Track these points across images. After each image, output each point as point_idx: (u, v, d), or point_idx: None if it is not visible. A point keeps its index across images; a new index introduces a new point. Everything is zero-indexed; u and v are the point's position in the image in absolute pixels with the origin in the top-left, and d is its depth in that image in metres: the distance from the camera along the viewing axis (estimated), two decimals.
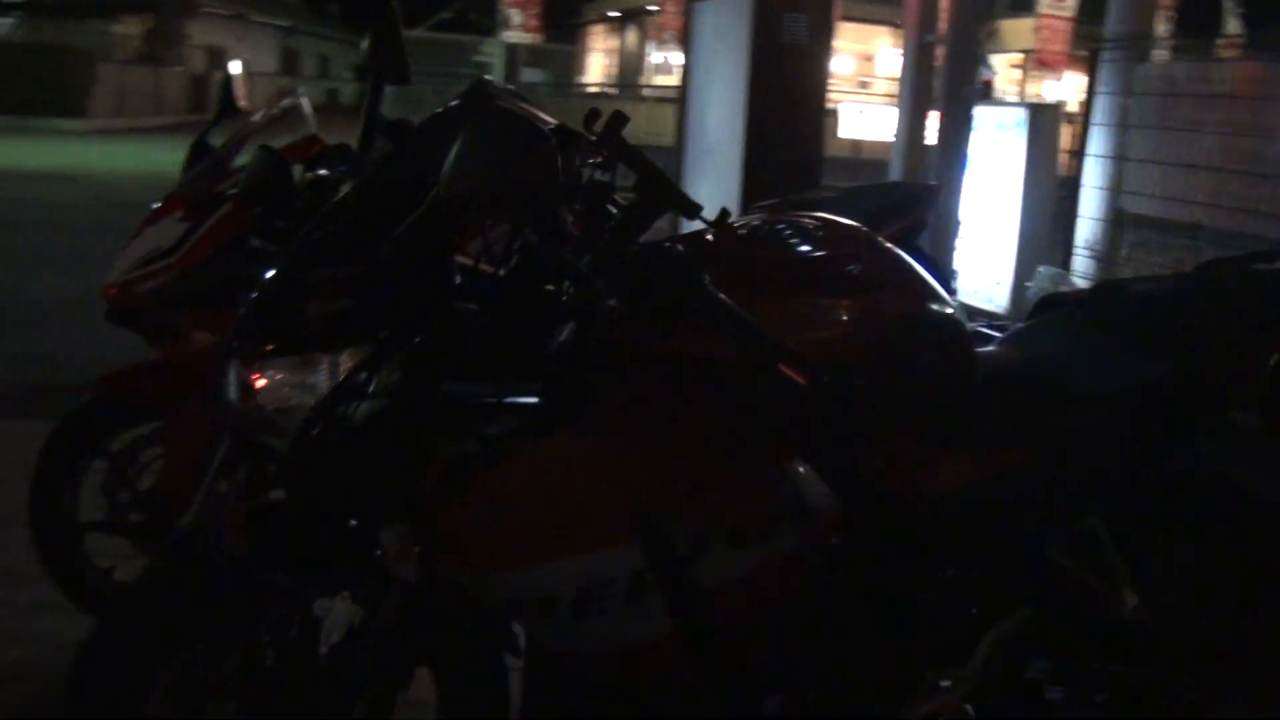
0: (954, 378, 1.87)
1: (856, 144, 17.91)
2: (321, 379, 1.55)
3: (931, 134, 5.72)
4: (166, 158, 2.91)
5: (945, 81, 5.06)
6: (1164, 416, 2.03)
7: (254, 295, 1.66)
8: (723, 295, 1.45)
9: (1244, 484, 2.26)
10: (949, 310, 1.85)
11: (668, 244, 1.49)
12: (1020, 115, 5.79)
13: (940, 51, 5.40)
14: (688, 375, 1.61)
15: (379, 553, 1.59)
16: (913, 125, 5.51)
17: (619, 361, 1.58)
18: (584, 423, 1.56)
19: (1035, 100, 15.72)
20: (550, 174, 1.38)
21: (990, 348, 2.24)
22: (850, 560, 1.91)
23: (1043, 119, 5.66)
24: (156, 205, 2.69)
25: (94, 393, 2.69)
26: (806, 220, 1.87)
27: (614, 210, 1.66)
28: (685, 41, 6.78)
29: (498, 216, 1.53)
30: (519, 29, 17.05)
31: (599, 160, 1.75)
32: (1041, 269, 5.41)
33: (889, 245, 1.85)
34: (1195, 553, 2.18)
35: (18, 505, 2.80)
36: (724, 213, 1.73)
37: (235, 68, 2.88)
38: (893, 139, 5.87)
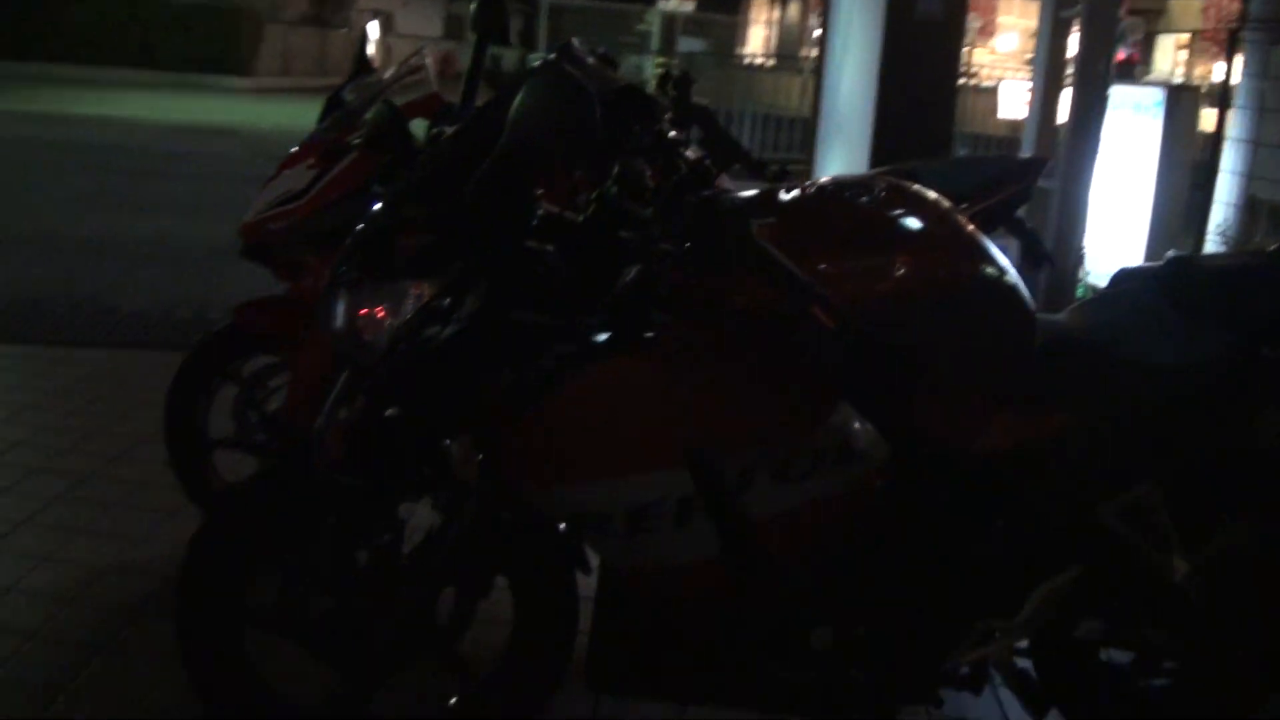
0: (1009, 339, 1.95)
1: (1017, 125, 17.46)
2: (409, 304, 1.73)
3: (1065, 112, 5.65)
4: None
5: (1079, 58, 5.00)
6: (1226, 389, 2.07)
7: (358, 229, 1.85)
8: (767, 244, 1.58)
9: None
10: (1006, 276, 1.93)
11: (721, 195, 1.61)
12: (1158, 96, 5.68)
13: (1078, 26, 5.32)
14: (739, 317, 1.74)
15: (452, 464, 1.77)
16: (1046, 102, 5.45)
17: (678, 301, 1.72)
18: (641, 354, 1.71)
19: (1199, 81, 15.09)
20: (587, 125, 1.53)
21: (1060, 315, 2.31)
22: (902, 505, 2.02)
23: (1181, 101, 5.54)
24: (292, 151, 2.93)
25: (228, 321, 2.95)
26: (875, 182, 1.97)
27: (684, 164, 1.80)
28: (824, 14, 6.81)
29: (549, 162, 1.68)
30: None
31: (672, 119, 1.88)
32: (1170, 253, 5.31)
33: (951, 211, 1.93)
34: (1250, 529, 2.21)
35: (156, 426, 3.10)
36: (784, 171, 1.85)
37: (372, 30, 3.08)
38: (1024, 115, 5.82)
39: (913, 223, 1.88)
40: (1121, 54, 6.08)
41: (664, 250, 1.67)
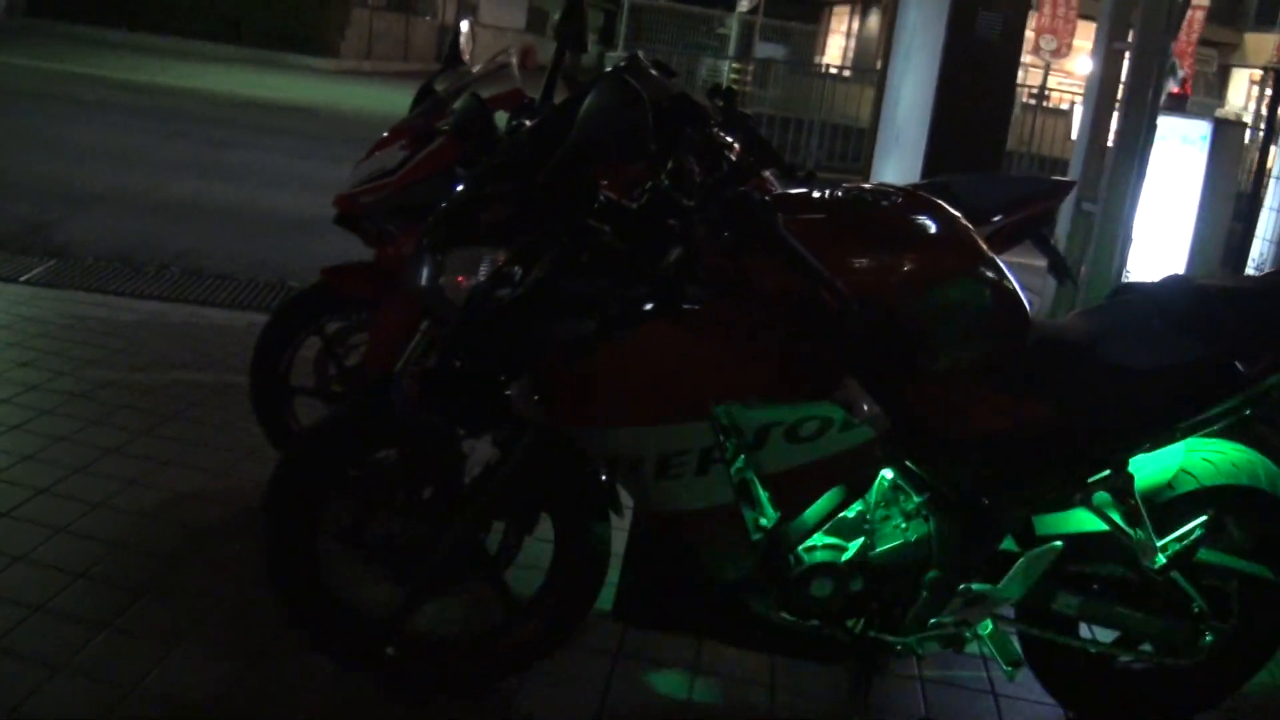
0: (1000, 334, 2.22)
1: None
2: (485, 268, 2.05)
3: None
4: (407, 102, 3.45)
5: (1126, 88, 5.21)
6: (1194, 392, 2.32)
7: (444, 204, 2.17)
8: (788, 235, 1.87)
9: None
10: (1003, 279, 2.20)
11: (753, 192, 1.90)
12: (1205, 130, 5.85)
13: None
14: (764, 296, 2.03)
15: (512, 402, 2.09)
16: (1095, 131, 5.66)
17: (713, 279, 2.02)
18: (679, 321, 2.01)
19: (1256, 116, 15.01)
20: (639, 129, 1.83)
21: (1061, 320, 2.57)
22: (903, 472, 2.30)
23: (1226, 134, 5.72)
24: (385, 134, 3.26)
25: (317, 281, 3.28)
26: (893, 190, 2.25)
27: (727, 164, 2.09)
28: (888, 29, 7.05)
29: (609, 157, 1.98)
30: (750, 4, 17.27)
31: (719, 124, 2.18)
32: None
33: (954, 218, 2.21)
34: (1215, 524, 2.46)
35: (236, 378, 3.41)
36: (811, 174, 2.14)
37: (464, 26, 3.40)
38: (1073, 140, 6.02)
39: (918, 225, 2.17)
40: (1174, 88, 6.24)
41: (703, 235, 1.97)
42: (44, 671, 2.39)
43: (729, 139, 2.25)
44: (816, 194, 2.19)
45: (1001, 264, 2.20)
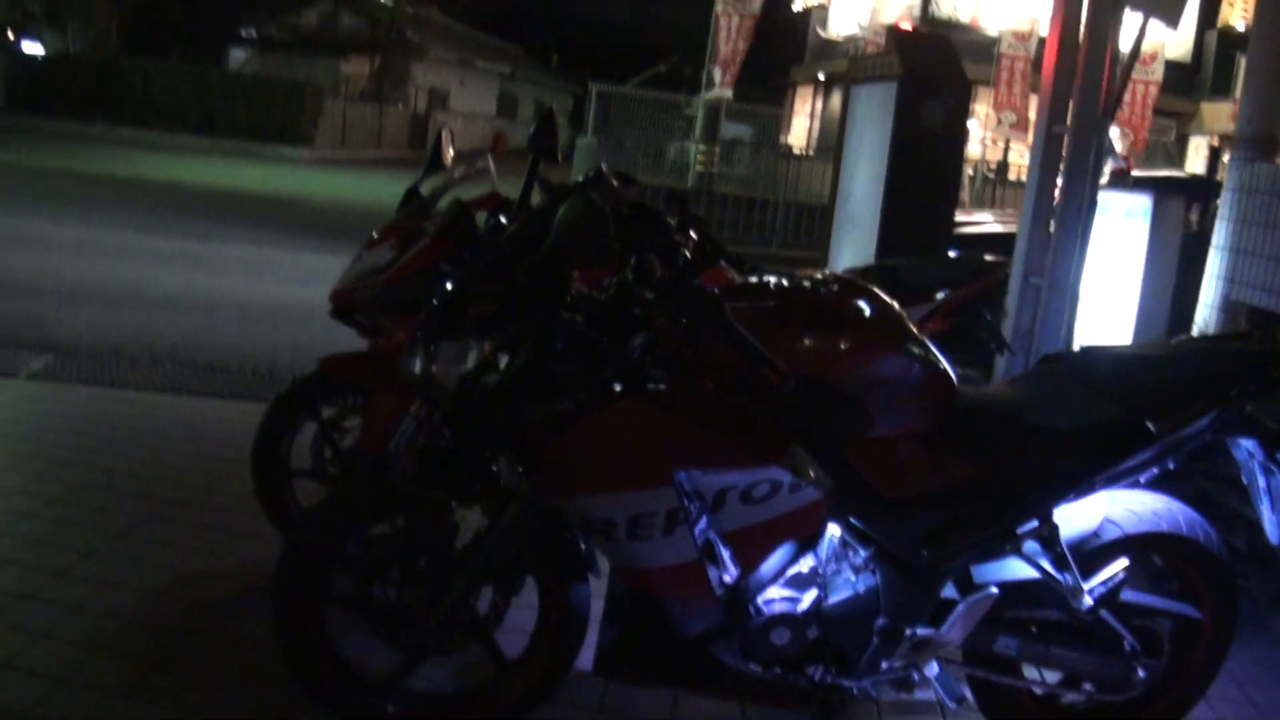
0: (931, 402, 2.50)
1: None
2: (472, 356, 2.33)
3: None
4: (382, 189, 3.73)
5: (1066, 170, 5.56)
6: (1109, 448, 2.60)
7: (434, 300, 2.46)
8: (735, 322, 2.16)
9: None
10: (930, 354, 2.49)
11: (704, 286, 2.20)
12: (1146, 203, 6.22)
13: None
14: (717, 374, 2.32)
15: (499, 475, 2.36)
16: (1038, 208, 6.00)
17: (672, 362, 2.31)
18: (644, 398, 2.29)
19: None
20: (602, 240, 2.13)
21: (986, 388, 2.86)
22: (849, 529, 2.56)
23: (1166, 206, 6.08)
24: (375, 234, 3.55)
25: (314, 369, 3.54)
26: (831, 278, 2.55)
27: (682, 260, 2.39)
28: (842, 117, 7.44)
29: (576, 264, 2.28)
30: (720, 87, 17.74)
31: (676, 226, 2.48)
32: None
33: (884, 302, 2.51)
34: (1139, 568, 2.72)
35: (234, 464, 3.60)
36: (756, 267, 2.43)
37: (445, 133, 3.70)
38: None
39: (853, 309, 2.46)
40: (1115, 166, 6.61)
41: (663, 324, 2.25)
42: None
43: (683, 238, 2.55)
44: (764, 284, 2.49)
45: (927, 342, 2.49)
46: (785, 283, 2.50)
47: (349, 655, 2.69)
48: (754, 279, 2.53)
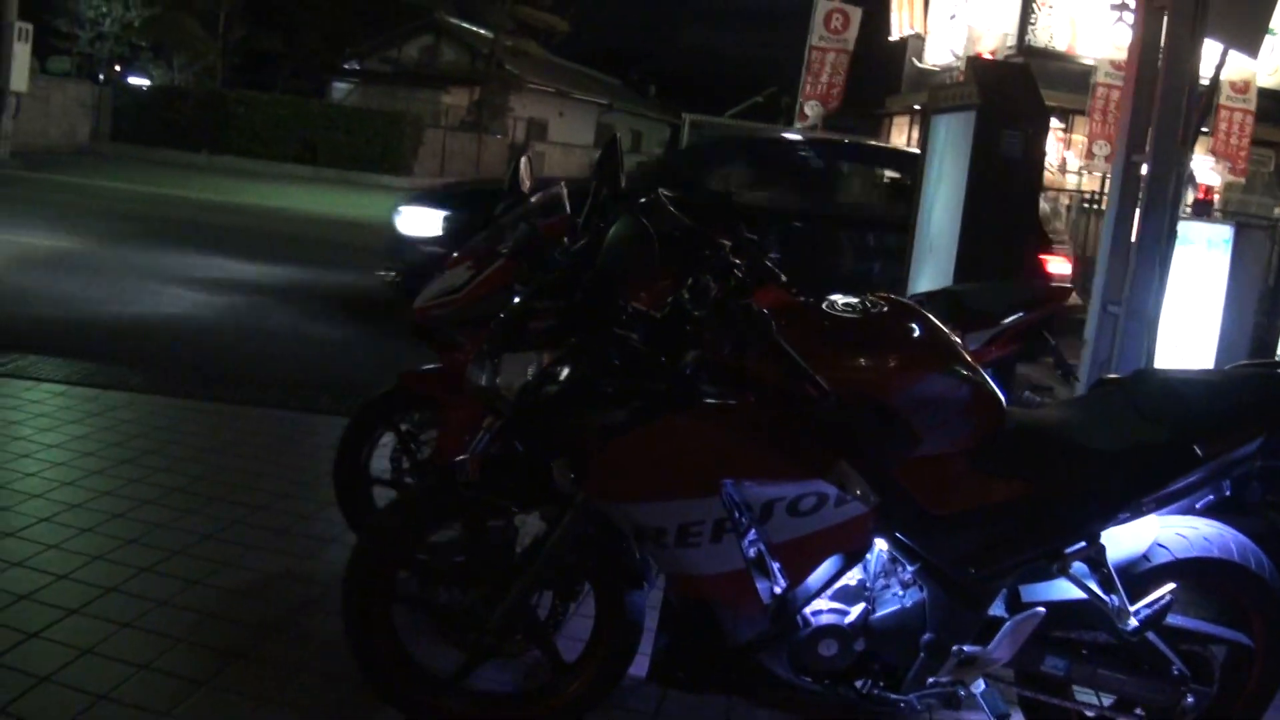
0: (978, 422, 2.57)
1: None
2: (534, 369, 2.46)
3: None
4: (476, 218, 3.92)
5: (1144, 198, 5.54)
6: (1156, 471, 2.63)
7: (502, 316, 2.60)
8: (782, 340, 2.26)
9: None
10: (976, 375, 2.56)
11: (751, 305, 2.30)
12: (1228, 233, 6.18)
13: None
14: (765, 390, 2.41)
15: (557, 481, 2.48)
16: (1118, 237, 5.97)
17: (723, 377, 2.41)
18: (695, 412, 2.40)
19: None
20: (647, 259, 2.25)
21: (1037, 410, 2.91)
22: (897, 544, 2.62)
23: (1248, 237, 6.03)
24: (454, 255, 3.71)
25: (394, 384, 3.71)
26: (882, 300, 2.64)
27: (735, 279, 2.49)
28: (922, 146, 7.46)
29: (624, 282, 2.41)
30: (813, 118, 17.75)
31: (731, 247, 2.60)
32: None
33: (932, 322, 2.58)
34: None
35: (313, 472, 3.79)
36: (799, 289, 2.54)
37: (524, 161, 3.85)
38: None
39: (902, 331, 2.54)
40: (1199, 193, 6.56)
41: (714, 341, 2.36)
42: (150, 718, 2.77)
43: (738, 260, 2.66)
44: (816, 306, 2.58)
45: (973, 364, 2.56)
46: (837, 304, 2.59)
47: (415, 654, 2.82)
48: (810, 299, 2.62)
